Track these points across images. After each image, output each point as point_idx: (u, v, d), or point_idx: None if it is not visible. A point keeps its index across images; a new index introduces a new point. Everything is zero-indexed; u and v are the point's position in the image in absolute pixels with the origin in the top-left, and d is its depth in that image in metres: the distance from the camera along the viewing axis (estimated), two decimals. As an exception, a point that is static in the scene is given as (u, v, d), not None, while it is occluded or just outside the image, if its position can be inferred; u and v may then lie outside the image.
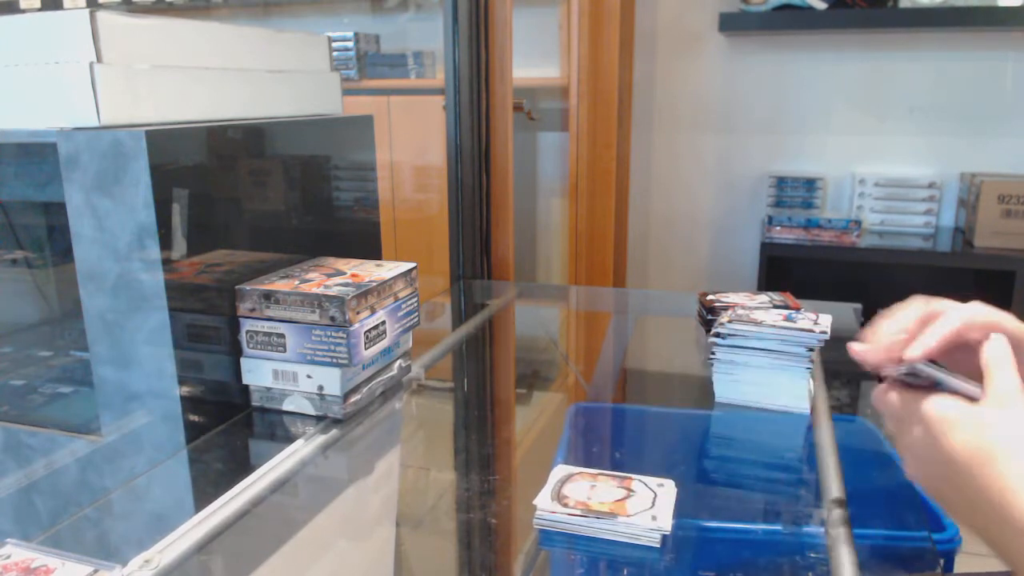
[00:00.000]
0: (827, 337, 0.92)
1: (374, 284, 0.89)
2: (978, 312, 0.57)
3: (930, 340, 0.59)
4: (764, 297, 1.13)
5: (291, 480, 0.79)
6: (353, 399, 0.90)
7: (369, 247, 1.18)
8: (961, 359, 0.57)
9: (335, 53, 2.47)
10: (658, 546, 0.66)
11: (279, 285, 0.88)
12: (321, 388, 0.88)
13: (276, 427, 0.89)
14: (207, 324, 0.86)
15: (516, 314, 1.51)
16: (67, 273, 1.11)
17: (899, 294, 0.75)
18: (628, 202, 2.52)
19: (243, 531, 0.70)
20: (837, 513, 0.72)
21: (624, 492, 0.72)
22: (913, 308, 0.66)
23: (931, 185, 2.20)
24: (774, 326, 0.93)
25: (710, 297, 1.15)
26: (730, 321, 0.95)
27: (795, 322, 0.94)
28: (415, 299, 0.99)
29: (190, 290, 0.83)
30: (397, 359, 1.00)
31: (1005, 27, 2.07)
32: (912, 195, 2.22)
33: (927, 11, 2.04)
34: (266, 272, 0.93)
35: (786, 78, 2.33)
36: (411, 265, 0.98)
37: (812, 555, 0.68)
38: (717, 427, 0.97)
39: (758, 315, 0.97)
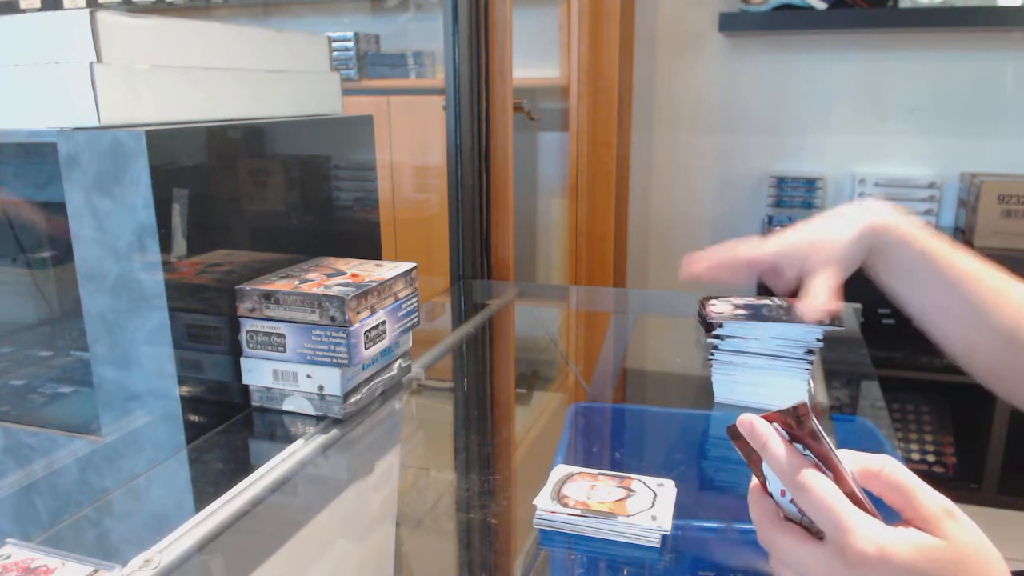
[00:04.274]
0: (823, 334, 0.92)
1: (374, 284, 0.89)
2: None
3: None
4: (767, 301, 1.13)
5: (291, 480, 0.79)
6: (353, 399, 0.90)
7: (369, 247, 1.18)
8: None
9: (335, 53, 2.47)
10: (658, 546, 0.66)
11: (279, 285, 0.88)
12: (321, 388, 0.88)
13: (276, 427, 0.89)
14: (207, 324, 0.86)
15: (516, 314, 1.51)
16: (67, 273, 1.11)
17: (899, 294, 0.75)
18: (628, 202, 2.52)
19: (243, 531, 0.70)
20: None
21: (624, 492, 0.72)
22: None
23: (931, 185, 2.20)
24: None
25: (712, 301, 1.14)
26: (730, 319, 0.95)
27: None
28: (415, 299, 0.99)
29: (190, 290, 0.83)
30: (397, 359, 1.00)
31: (1005, 27, 2.07)
32: (912, 195, 2.22)
33: (927, 11, 2.04)
34: (266, 272, 0.93)
35: (786, 78, 2.33)
36: (411, 265, 0.98)
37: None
38: (717, 427, 0.97)
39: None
